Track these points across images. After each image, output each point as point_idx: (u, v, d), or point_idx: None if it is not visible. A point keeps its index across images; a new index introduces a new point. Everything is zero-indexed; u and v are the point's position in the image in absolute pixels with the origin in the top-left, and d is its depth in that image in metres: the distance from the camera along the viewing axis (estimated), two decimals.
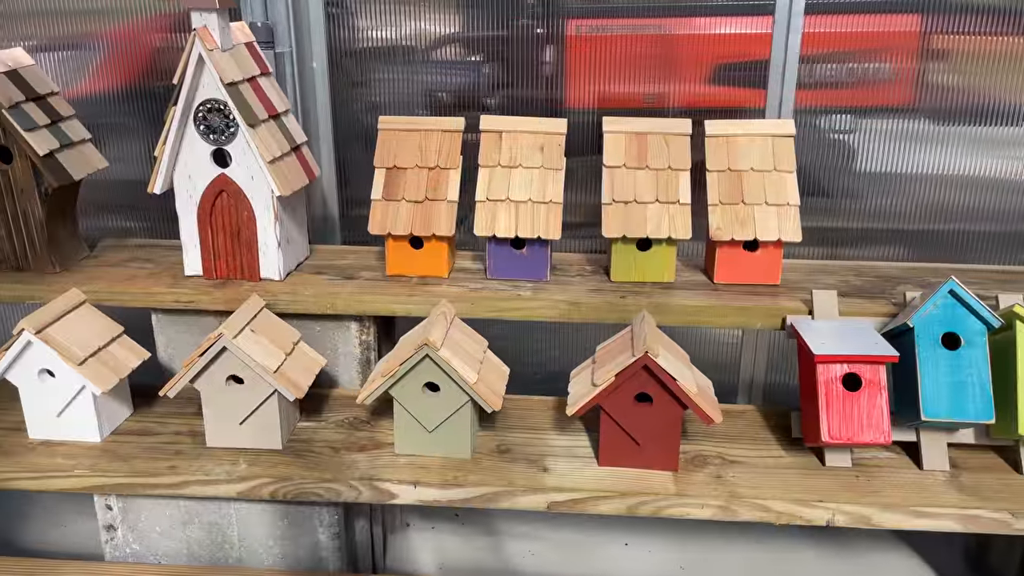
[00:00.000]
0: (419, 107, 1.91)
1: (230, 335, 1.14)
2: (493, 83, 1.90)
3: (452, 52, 1.90)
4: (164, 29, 1.94)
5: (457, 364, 1.13)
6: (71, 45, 1.89)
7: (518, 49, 1.88)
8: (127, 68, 1.99)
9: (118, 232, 1.91)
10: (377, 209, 1.37)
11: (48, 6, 1.81)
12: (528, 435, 1.27)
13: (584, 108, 2.00)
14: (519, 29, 1.88)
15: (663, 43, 1.89)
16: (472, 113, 1.98)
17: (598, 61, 1.91)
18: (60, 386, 1.20)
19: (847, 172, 1.80)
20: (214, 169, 1.32)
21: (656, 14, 1.89)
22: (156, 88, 1.90)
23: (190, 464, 1.19)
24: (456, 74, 1.90)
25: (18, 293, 1.36)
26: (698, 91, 1.96)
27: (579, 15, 1.94)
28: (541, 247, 1.37)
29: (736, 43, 1.87)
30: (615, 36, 1.94)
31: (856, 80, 1.78)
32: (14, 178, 1.34)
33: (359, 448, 1.24)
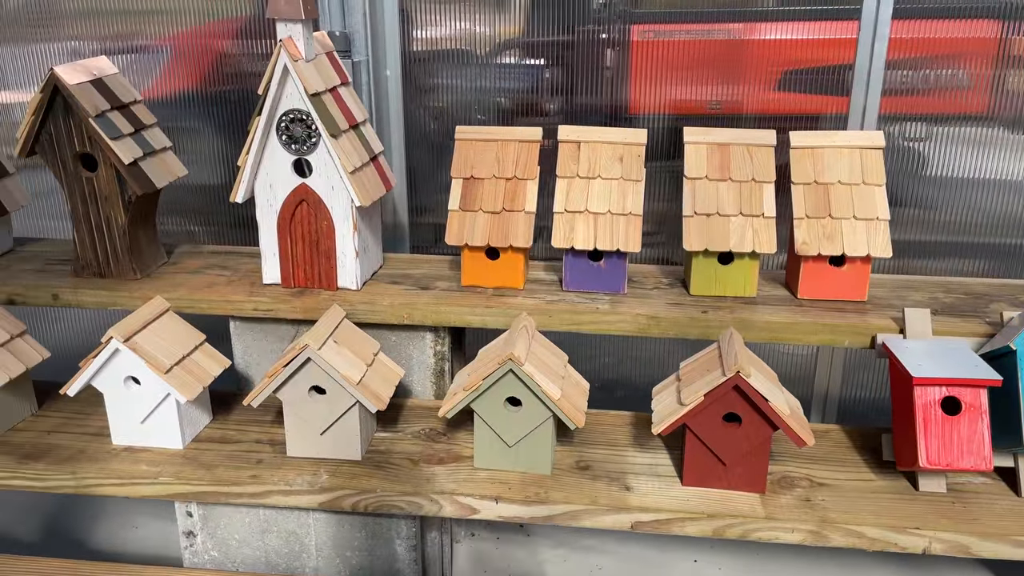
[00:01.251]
0: (481, 112, 1.91)
1: (315, 346, 1.14)
2: (555, 88, 1.89)
3: (515, 57, 1.89)
4: (229, 34, 1.97)
5: (541, 380, 1.11)
6: (136, 48, 1.92)
7: (582, 54, 1.86)
8: (191, 72, 2.02)
9: (179, 234, 1.95)
10: (454, 220, 1.37)
11: (111, 6, 1.85)
12: (607, 451, 1.25)
13: (648, 114, 1.97)
14: (584, 34, 1.86)
15: (730, 48, 1.86)
16: (534, 119, 1.97)
17: (663, 66, 1.88)
18: (145, 393, 1.22)
19: (919, 181, 1.75)
20: (295, 179, 1.33)
21: (723, 19, 1.86)
22: (220, 92, 1.93)
23: (272, 474, 1.20)
24: (518, 79, 1.89)
25: (101, 299, 1.38)
26: (765, 97, 1.92)
27: (645, 20, 1.92)
28: (619, 259, 1.35)
29: (805, 48, 1.83)
30: (681, 41, 1.91)
31: (931, 86, 1.73)
32: (98, 186, 1.36)
33: (438, 461, 1.23)
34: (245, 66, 1.96)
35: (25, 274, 1.44)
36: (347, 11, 1.51)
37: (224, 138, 1.91)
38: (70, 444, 1.27)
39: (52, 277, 1.43)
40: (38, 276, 1.43)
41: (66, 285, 1.40)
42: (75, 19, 1.85)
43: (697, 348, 1.25)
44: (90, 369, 1.20)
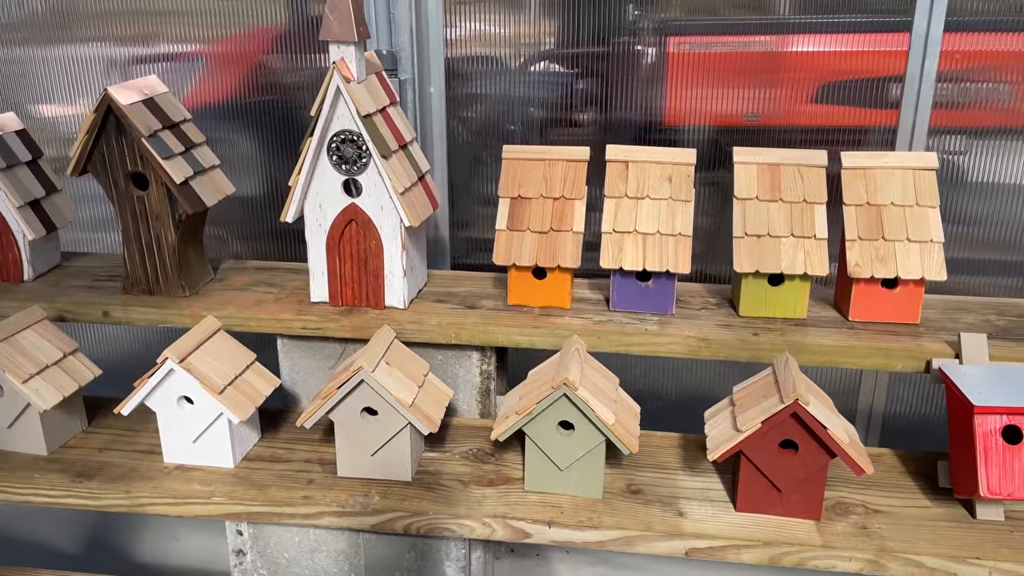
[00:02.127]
0: (512, 123, 1.91)
1: (369, 368, 1.14)
2: (588, 100, 1.88)
3: (548, 68, 1.88)
4: (266, 44, 1.98)
5: (595, 404, 1.11)
6: (171, 57, 1.93)
7: (617, 66, 1.86)
8: (227, 83, 2.04)
9: (211, 244, 1.96)
10: (501, 239, 1.37)
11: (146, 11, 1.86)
12: (657, 475, 1.25)
13: (684, 126, 1.97)
14: (619, 46, 1.86)
15: (767, 60, 1.85)
16: (567, 130, 1.97)
17: (700, 78, 1.88)
18: (198, 413, 1.23)
19: (959, 196, 1.73)
20: (344, 199, 1.33)
21: (761, 31, 1.85)
22: (256, 103, 1.94)
23: (324, 494, 1.20)
24: (550, 90, 1.88)
25: (151, 316, 1.40)
26: (802, 110, 1.91)
27: (682, 32, 1.92)
28: (667, 280, 1.35)
29: (844, 61, 1.82)
30: (718, 53, 1.90)
31: (971, 100, 1.71)
32: (149, 204, 1.38)
33: (487, 483, 1.23)
34: (281, 77, 1.97)
35: (74, 290, 1.46)
36: (394, 30, 1.52)
37: (258, 149, 1.92)
38: (122, 462, 1.28)
39: (101, 294, 1.44)
40: (87, 293, 1.45)
41: (116, 302, 1.41)
42: (106, 26, 1.87)
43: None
44: (144, 389, 1.21)
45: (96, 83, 1.93)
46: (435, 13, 1.56)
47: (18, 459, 1.28)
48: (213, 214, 1.46)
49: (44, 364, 1.26)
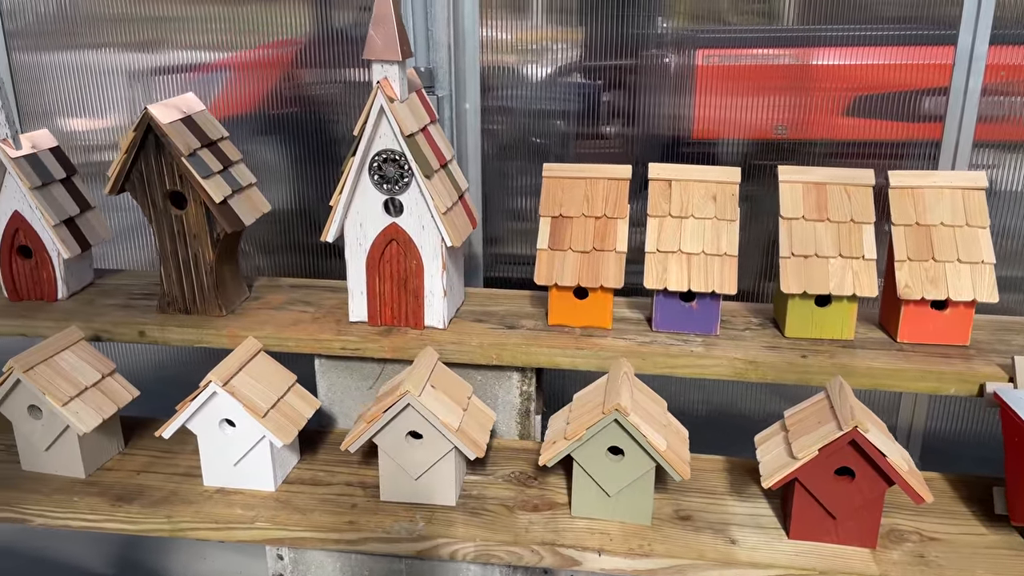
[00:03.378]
0: (539, 136, 1.90)
1: (415, 392, 1.12)
2: (617, 113, 1.87)
3: (575, 81, 1.87)
4: (290, 55, 1.97)
5: (646, 430, 1.09)
6: (192, 69, 1.93)
7: (644, 78, 1.85)
8: (250, 94, 2.03)
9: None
10: (543, 259, 1.35)
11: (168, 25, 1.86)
12: (705, 500, 1.23)
13: (712, 139, 1.95)
14: (647, 58, 1.85)
15: (797, 73, 1.84)
16: (594, 143, 1.95)
17: (729, 91, 1.86)
18: (240, 436, 1.21)
19: (997, 211, 1.71)
20: (385, 218, 1.32)
21: (791, 44, 1.84)
22: (281, 115, 1.93)
23: (368, 520, 1.18)
24: (578, 103, 1.87)
25: (188, 336, 1.38)
26: (834, 123, 1.89)
27: (710, 45, 1.90)
28: (712, 300, 1.33)
29: (877, 74, 1.80)
30: (747, 66, 1.89)
31: (1003, 113, 1.69)
32: (187, 223, 1.36)
33: (532, 507, 1.21)
34: (303, 89, 1.96)
35: (110, 310, 1.45)
36: (432, 47, 1.51)
37: (280, 162, 1.91)
38: (161, 485, 1.26)
39: (137, 313, 1.43)
40: (123, 312, 1.43)
41: (152, 322, 1.40)
42: (126, 34, 1.86)
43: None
44: (187, 412, 1.19)
45: (117, 94, 1.92)
46: (471, 29, 1.55)
47: (56, 482, 1.27)
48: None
49: (83, 386, 1.25)
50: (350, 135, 1.92)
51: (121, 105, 1.95)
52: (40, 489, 1.25)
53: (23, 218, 1.43)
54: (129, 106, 1.96)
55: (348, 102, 1.86)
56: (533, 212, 1.93)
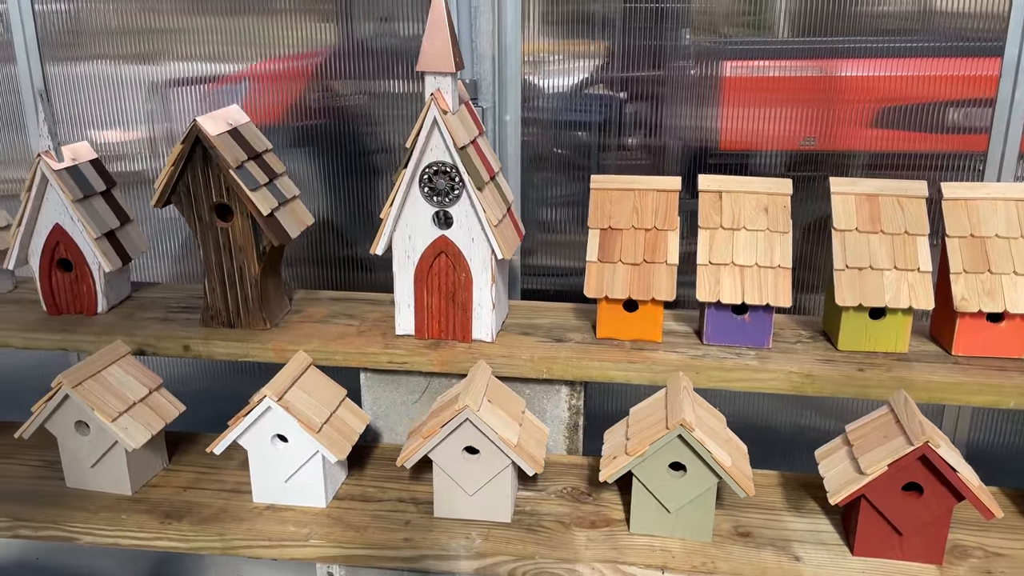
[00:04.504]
0: (561, 147, 1.89)
1: (474, 407, 1.11)
2: (642, 124, 1.86)
3: (600, 92, 1.87)
4: (312, 67, 1.96)
5: (711, 446, 1.07)
6: (213, 79, 1.92)
7: (671, 90, 1.84)
8: (273, 106, 2.02)
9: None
10: (592, 271, 1.34)
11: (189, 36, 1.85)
12: (763, 516, 1.21)
13: (739, 151, 1.95)
14: (673, 70, 1.84)
15: (824, 84, 1.83)
16: (618, 153, 1.94)
17: (756, 103, 1.86)
18: (292, 452, 1.19)
19: None
20: (435, 231, 1.31)
21: (819, 55, 1.84)
22: (304, 127, 1.92)
23: (423, 537, 1.16)
24: (603, 114, 1.86)
25: (232, 350, 1.36)
26: (861, 134, 1.89)
27: (738, 56, 1.90)
28: (765, 313, 1.31)
29: (904, 85, 1.80)
30: (774, 78, 1.89)
31: None
32: (233, 236, 1.35)
33: (589, 524, 1.19)
34: (328, 101, 1.95)
35: (151, 323, 1.43)
36: (476, 58, 1.50)
37: (306, 173, 1.90)
38: (209, 502, 1.24)
39: (179, 327, 1.41)
40: (165, 326, 1.42)
41: (196, 335, 1.38)
42: (143, 45, 1.86)
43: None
44: (239, 427, 1.17)
45: (136, 106, 1.90)
46: (513, 41, 1.55)
47: (102, 499, 1.25)
48: None
49: (132, 401, 1.23)
50: (373, 146, 1.92)
51: (140, 117, 1.94)
52: (87, 506, 1.23)
53: (64, 231, 1.42)
54: (148, 118, 1.95)
55: (370, 114, 1.86)
56: (562, 224, 1.92)
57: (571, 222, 1.94)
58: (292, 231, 1.37)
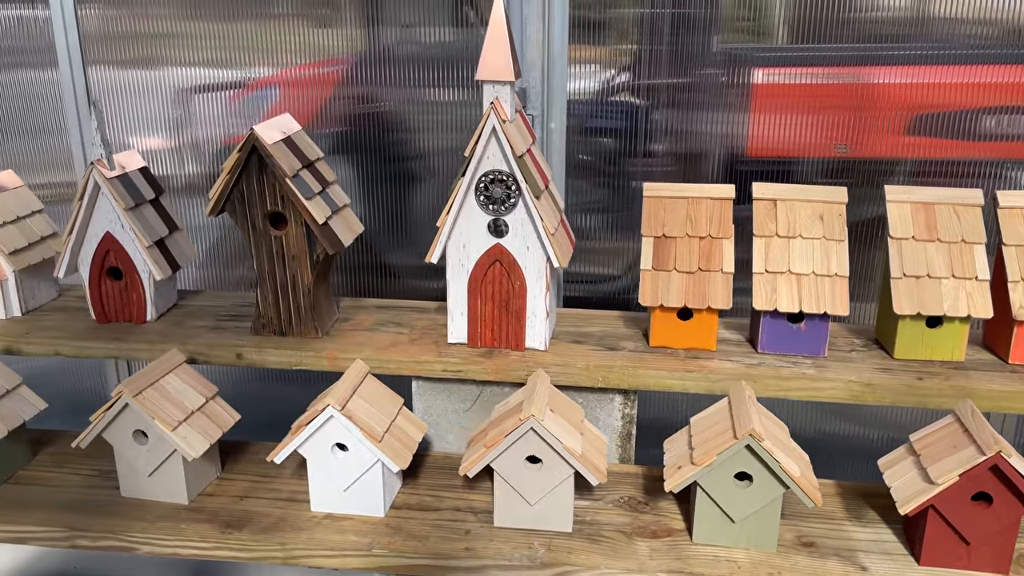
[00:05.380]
0: (586, 153, 1.89)
1: (539, 416, 1.10)
2: (665, 130, 1.87)
3: (625, 98, 1.87)
4: (339, 74, 1.97)
5: (780, 457, 1.07)
6: (237, 85, 1.93)
7: (699, 96, 1.84)
8: (300, 113, 2.02)
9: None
10: (647, 280, 1.33)
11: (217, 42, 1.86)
12: (825, 525, 1.20)
13: (768, 157, 1.95)
14: (702, 77, 1.85)
15: (856, 92, 1.83)
16: (644, 160, 1.95)
17: (786, 109, 1.86)
18: (352, 461, 1.19)
19: None
20: (489, 239, 1.30)
21: (850, 63, 1.84)
22: (331, 134, 1.92)
23: (485, 546, 1.16)
24: (629, 120, 1.86)
25: (286, 358, 1.36)
26: (895, 141, 1.89)
27: (768, 63, 1.90)
28: (821, 322, 1.31)
29: (938, 93, 1.80)
30: (805, 85, 1.89)
31: None
32: (287, 245, 1.35)
33: (651, 534, 1.19)
34: (355, 108, 1.96)
35: (202, 331, 1.43)
36: (525, 67, 1.50)
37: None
38: (267, 511, 1.24)
39: (230, 335, 1.41)
40: (215, 334, 1.42)
41: (248, 344, 1.38)
42: (177, 51, 1.87)
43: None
44: (301, 436, 1.17)
45: (164, 112, 1.91)
46: (561, 49, 1.55)
47: (159, 509, 1.24)
48: None
49: (190, 410, 1.23)
50: (399, 153, 1.93)
51: (167, 123, 1.94)
52: (144, 516, 1.23)
53: (115, 239, 1.42)
54: (174, 123, 1.95)
55: (396, 121, 1.87)
56: (590, 230, 1.92)
57: (599, 228, 1.95)
58: (345, 239, 1.37)
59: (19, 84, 1.93)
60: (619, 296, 2.04)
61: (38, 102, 1.93)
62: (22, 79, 1.93)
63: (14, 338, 1.42)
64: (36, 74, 1.90)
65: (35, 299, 1.54)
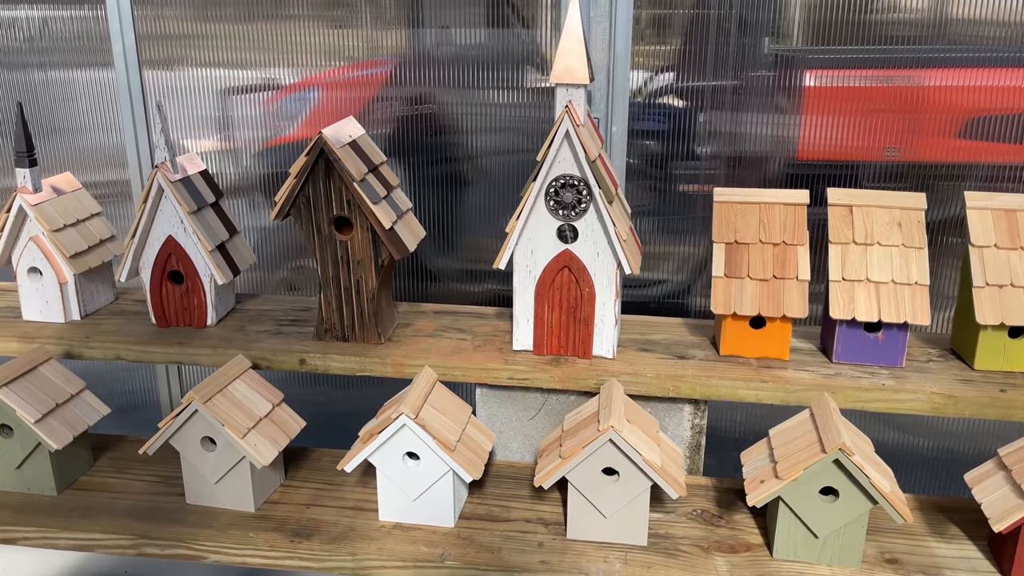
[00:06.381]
0: (632, 156, 1.86)
1: (619, 428, 1.08)
2: (712, 132, 1.84)
3: (671, 101, 1.84)
4: (382, 76, 1.95)
5: (870, 472, 1.04)
6: (278, 87, 1.92)
7: (749, 99, 1.81)
8: (341, 116, 2.01)
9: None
10: (719, 287, 1.30)
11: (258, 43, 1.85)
12: (908, 541, 1.17)
13: (818, 160, 1.91)
14: (752, 80, 1.82)
15: (909, 94, 1.80)
16: (690, 163, 1.92)
17: (837, 112, 1.83)
18: (424, 470, 1.17)
19: None
20: (558, 245, 1.28)
21: (903, 65, 1.80)
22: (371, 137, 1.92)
23: (560, 560, 1.13)
24: (676, 123, 1.84)
25: (349, 365, 1.34)
26: (947, 145, 1.85)
27: (819, 65, 1.87)
28: (900, 331, 1.28)
29: (992, 96, 1.76)
30: (857, 88, 1.85)
31: None
32: (352, 249, 1.33)
33: (728, 549, 1.16)
34: (397, 110, 1.94)
35: (263, 336, 1.41)
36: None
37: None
38: (335, 520, 1.22)
39: (293, 340, 1.40)
40: (277, 339, 1.40)
41: (311, 350, 1.36)
42: (221, 52, 1.87)
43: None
44: (373, 444, 1.15)
45: (205, 113, 1.90)
46: (624, 51, 1.53)
47: (226, 516, 1.23)
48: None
49: (258, 417, 1.22)
50: (438, 156, 1.92)
51: (210, 124, 1.94)
52: (211, 524, 1.22)
53: (177, 243, 1.41)
54: (217, 124, 1.95)
55: (435, 124, 1.86)
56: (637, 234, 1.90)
57: (645, 232, 1.92)
58: (409, 244, 1.35)
59: (72, 83, 1.93)
60: (664, 300, 2.02)
61: (91, 101, 1.93)
62: (75, 78, 1.93)
63: (75, 342, 1.41)
64: (90, 73, 1.90)
65: (93, 302, 1.53)
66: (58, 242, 1.43)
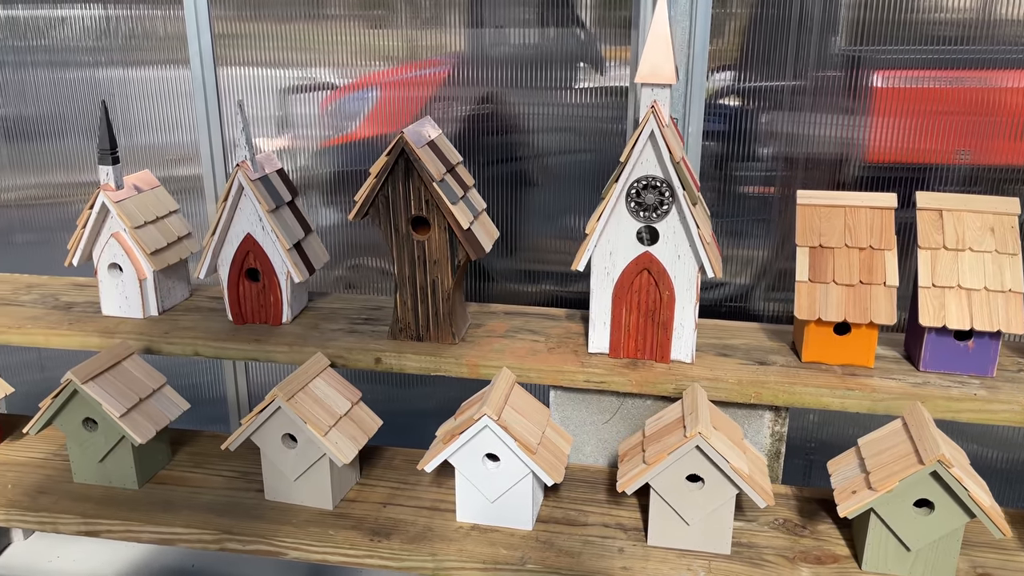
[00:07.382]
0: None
1: (707, 434, 1.06)
2: (776, 133, 1.80)
3: (734, 102, 1.80)
4: (441, 75, 1.95)
5: (970, 485, 1.00)
6: (333, 86, 1.93)
7: (818, 99, 1.77)
8: (400, 116, 2.01)
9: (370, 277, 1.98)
10: (803, 291, 1.28)
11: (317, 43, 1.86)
12: (998, 555, 1.13)
13: (887, 163, 1.87)
14: (820, 80, 1.78)
15: (981, 96, 1.74)
16: (753, 164, 1.88)
17: (908, 114, 1.78)
18: (504, 472, 1.16)
19: None
20: (638, 247, 1.27)
21: (975, 66, 1.75)
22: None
23: (643, 566, 1.12)
24: (740, 123, 1.80)
25: (424, 364, 1.34)
26: (1021, 148, 1.80)
27: (889, 66, 1.82)
28: (992, 340, 1.24)
29: None
30: (928, 89, 1.80)
31: None
32: (429, 249, 1.33)
33: (815, 559, 1.13)
34: (456, 110, 1.94)
35: (338, 335, 1.42)
36: None
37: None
38: (412, 519, 1.22)
39: (368, 339, 1.40)
40: (355, 338, 1.41)
41: (387, 349, 1.36)
42: (281, 52, 1.88)
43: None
44: (454, 445, 1.15)
45: (266, 112, 1.92)
46: (701, 50, 1.50)
47: (305, 513, 1.24)
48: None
49: (338, 415, 1.22)
50: (496, 156, 1.91)
51: (267, 122, 1.97)
52: (290, 520, 1.23)
53: (255, 241, 1.42)
54: (277, 124, 1.97)
55: (493, 124, 1.85)
56: None
57: None
58: (485, 244, 1.35)
59: (148, 80, 1.97)
60: (724, 304, 1.98)
61: (163, 99, 1.97)
62: (151, 75, 1.97)
63: (155, 338, 1.44)
64: (166, 70, 1.94)
65: (170, 299, 1.56)
66: (139, 239, 1.45)
